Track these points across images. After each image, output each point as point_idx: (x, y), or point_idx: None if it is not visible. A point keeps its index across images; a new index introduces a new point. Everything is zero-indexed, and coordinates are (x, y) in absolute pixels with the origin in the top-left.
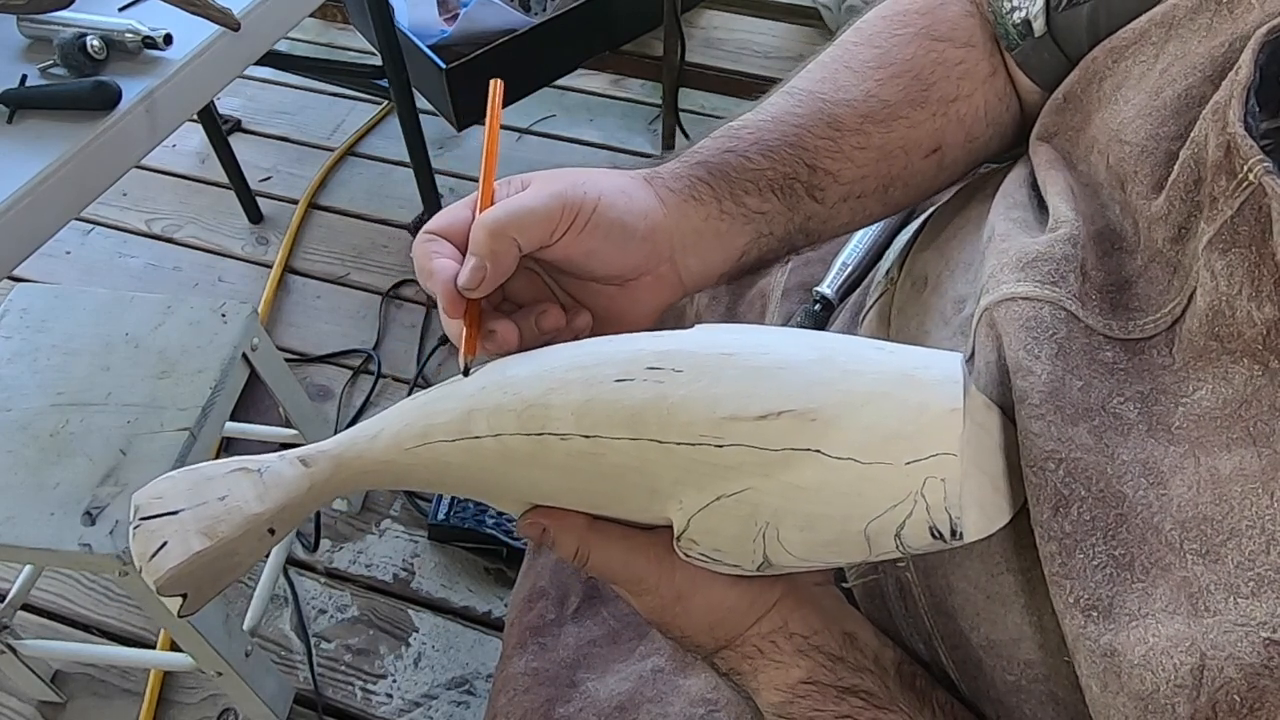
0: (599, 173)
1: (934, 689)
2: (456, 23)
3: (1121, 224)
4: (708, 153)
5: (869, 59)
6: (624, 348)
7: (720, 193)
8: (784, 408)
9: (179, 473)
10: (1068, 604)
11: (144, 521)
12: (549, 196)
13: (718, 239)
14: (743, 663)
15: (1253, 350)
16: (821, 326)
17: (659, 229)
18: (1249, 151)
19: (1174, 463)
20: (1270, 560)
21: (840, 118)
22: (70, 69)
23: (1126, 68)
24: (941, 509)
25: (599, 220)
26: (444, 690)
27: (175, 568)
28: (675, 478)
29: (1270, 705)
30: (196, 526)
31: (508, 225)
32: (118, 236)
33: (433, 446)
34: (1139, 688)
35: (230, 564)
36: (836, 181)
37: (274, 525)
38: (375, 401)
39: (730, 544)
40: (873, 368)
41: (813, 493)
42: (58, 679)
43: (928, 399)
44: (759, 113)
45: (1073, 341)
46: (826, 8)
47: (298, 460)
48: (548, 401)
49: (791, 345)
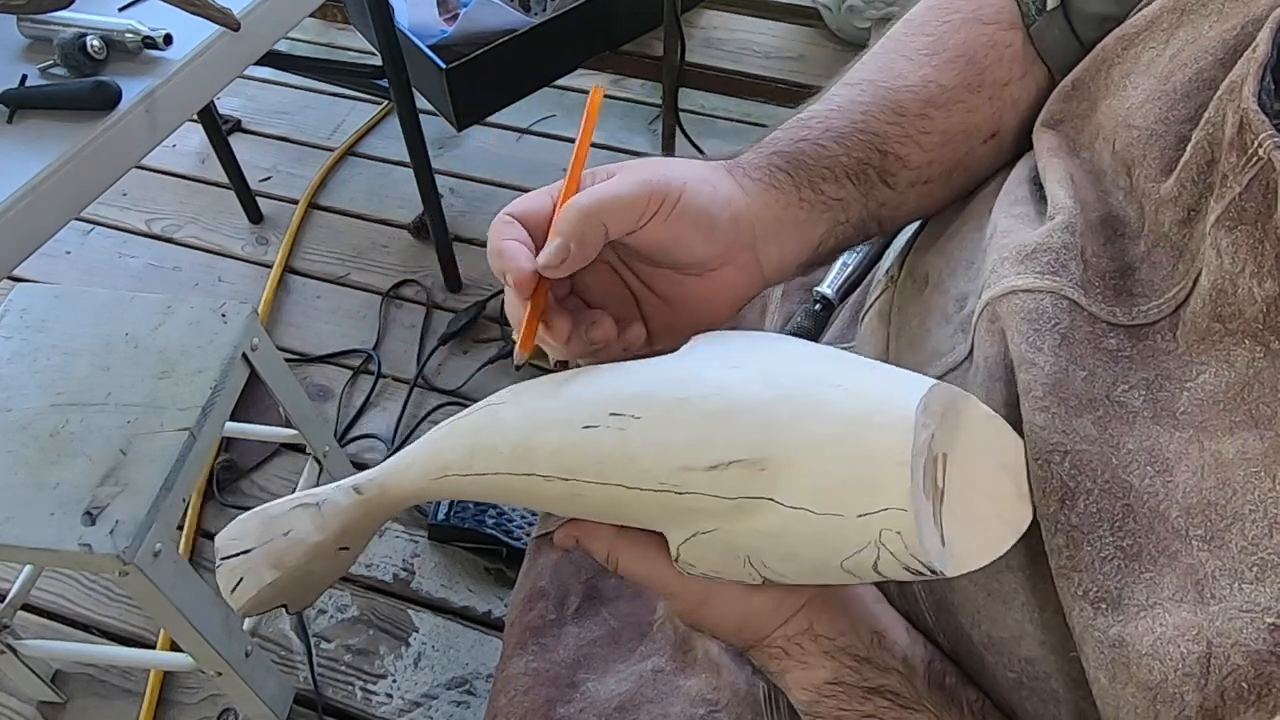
0: (682, 162)
1: (964, 688)
2: (456, 23)
3: (1124, 210)
4: (781, 143)
5: (922, 46)
6: (596, 391)
7: (798, 180)
8: (734, 457)
9: (250, 515)
10: (1076, 596)
11: (224, 561)
12: (636, 183)
13: (796, 227)
14: (770, 662)
15: (1254, 330)
16: (822, 326)
17: (741, 217)
18: (1260, 126)
19: (1179, 449)
20: (1273, 544)
21: (904, 104)
22: (70, 69)
23: (1136, 54)
24: (906, 555)
25: (684, 207)
26: (444, 690)
27: (252, 598)
28: (652, 516)
29: (1277, 690)
30: (266, 561)
31: (598, 209)
32: (118, 236)
33: (450, 479)
34: (1147, 678)
35: (312, 580)
36: (905, 166)
37: (344, 545)
38: (375, 402)
39: (723, 568)
40: (827, 411)
41: (777, 537)
42: (58, 679)
43: (876, 451)
44: (825, 103)
45: (1076, 331)
46: (826, 8)
47: (351, 489)
48: (530, 445)
49: (752, 382)
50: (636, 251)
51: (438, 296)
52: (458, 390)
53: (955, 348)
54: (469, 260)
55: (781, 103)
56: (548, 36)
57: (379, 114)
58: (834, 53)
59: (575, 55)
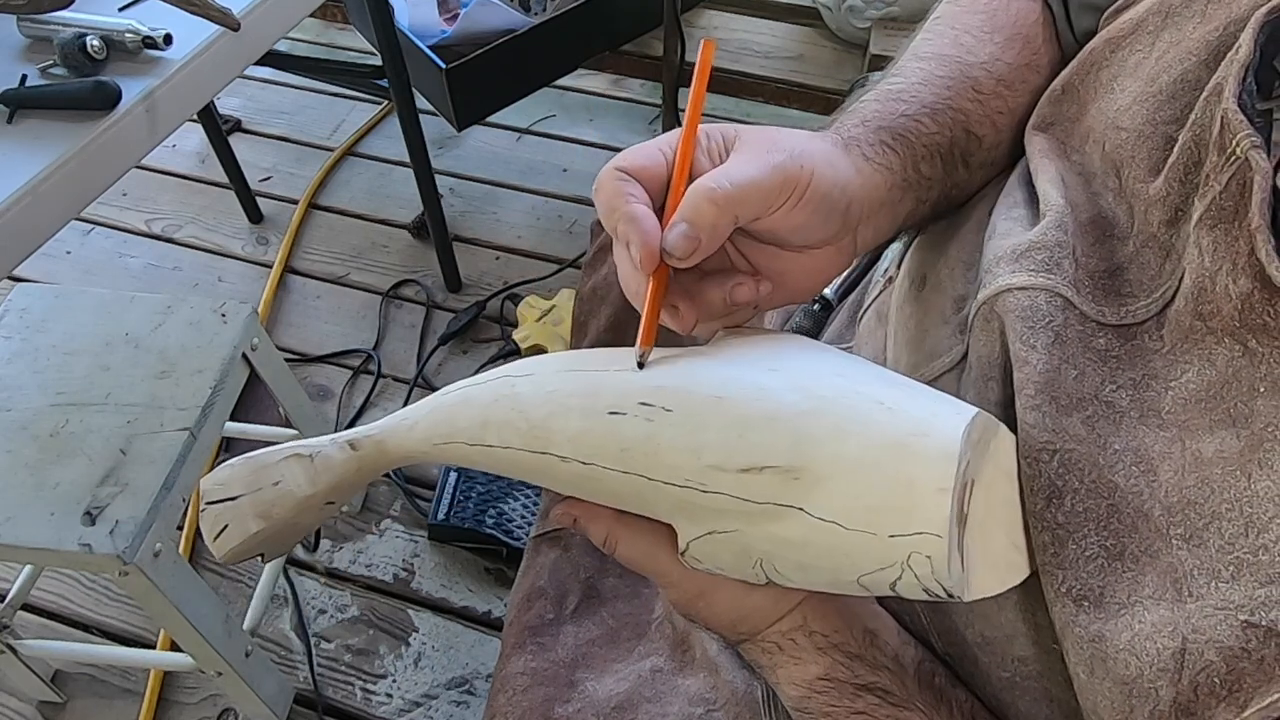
0: (805, 139)
1: (954, 688)
2: (456, 23)
3: (1114, 211)
4: (883, 117)
5: (979, 24)
6: (624, 377)
7: (905, 161)
8: (767, 463)
9: (239, 460)
10: (1059, 593)
11: (209, 506)
12: (771, 170)
13: (891, 208)
14: (762, 656)
15: (1232, 329)
16: (821, 326)
17: (854, 202)
18: (1239, 126)
19: (1162, 449)
20: (1248, 543)
21: (979, 81)
22: (70, 69)
23: (1123, 57)
24: (931, 580)
25: (811, 195)
26: (444, 690)
27: (236, 547)
28: (668, 509)
29: (1248, 687)
30: (253, 510)
31: (734, 200)
32: (118, 236)
33: (456, 445)
34: (1123, 672)
35: (295, 530)
36: (981, 146)
37: (331, 499)
38: (375, 402)
39: (731, 567)
40: (867, 429)
41: (799, 546)
42: (58, 679)
43: (917, 475)
44: (903, 77)
45: (1068, 329)
46: (826, 8)
47: (346, 444)
48: (549, 425)
49: (788, 390)
50: (745, 228)
51: (438, 296)
52: None
53: (952, 348)
54: (469, 260)
55: (781, 103)
56: (548, 36)
57: (379, 114)
58: (834, 53)
59: (575, 55)
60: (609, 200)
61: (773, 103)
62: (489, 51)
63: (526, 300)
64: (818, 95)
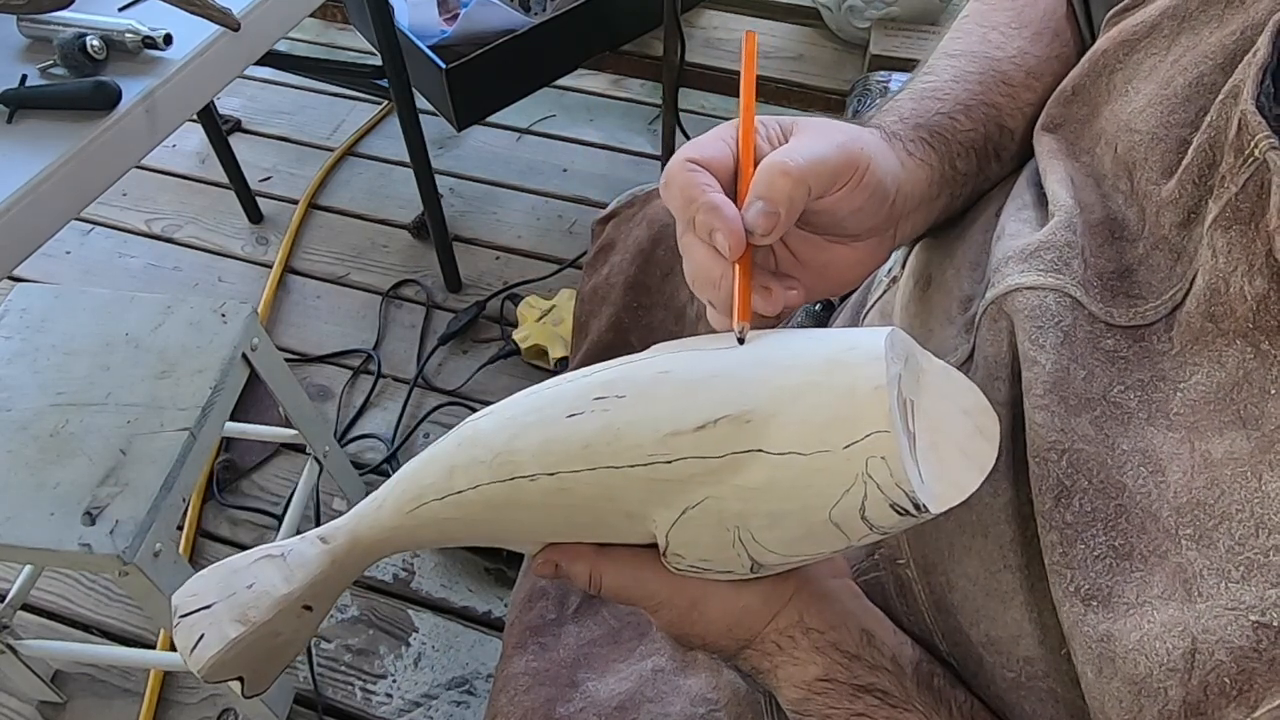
0: (853, 127)
1: (953, 689)
2: (456, 23)
3: (1124, 213)
4: (920, 115)
5: (1007, 20)
6: (577, 384)
7: (943, 157)
8: (719, 414)
9: (209, 570)
10: (1067, 592)
11: (183, 619)
12: (836, 148)
13: (928, 204)
14: (763, 660)
15: (1245, 330)
16: (822, 325)
17: (901, 194)
18: (1257, 127)
19: (1171, 450)
20: (1259, 543)
21: (1009, 75)
22: (70, 69)
23: (1138, 60)
24: (893, 486)
25: (870, 179)
26: (444, 690)
27: (214, 656)
28: (640, 498)
29: (1258, 687)
30: (229, 616)
31: (806, 173)
32: (118, 236)
33: (427, 506)
34: (1133, 672)
35: (277, 644)
36: (1013, 140)
37: (309, 603)
38: (375, 402)
39: (712, 552)
40: (802, 360)
41: (765, 491)
42: (58, 679)
43: (854, 380)
44: (935, 75)
45: (1077, 329)
46: (826, 8)
47: (317, 539)
48: (513, 448)
49: (729, 354)
50: (809, 216)
51: (438, 296)
52: (458, 390)
53: (958, 348)
54: (469, 260)
55: (781, 103)
56: (548, 36)
57: (379, 114)
58: (834, 53)
59: (575, 55)
60: (685, 191)
61: (772, 103)
62: (489, 51)
63: (526, 300)
64: (818, 95)
